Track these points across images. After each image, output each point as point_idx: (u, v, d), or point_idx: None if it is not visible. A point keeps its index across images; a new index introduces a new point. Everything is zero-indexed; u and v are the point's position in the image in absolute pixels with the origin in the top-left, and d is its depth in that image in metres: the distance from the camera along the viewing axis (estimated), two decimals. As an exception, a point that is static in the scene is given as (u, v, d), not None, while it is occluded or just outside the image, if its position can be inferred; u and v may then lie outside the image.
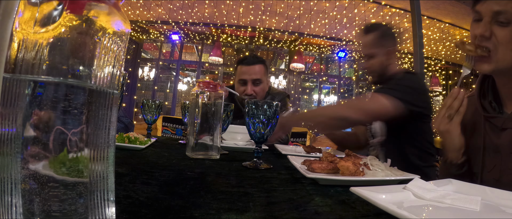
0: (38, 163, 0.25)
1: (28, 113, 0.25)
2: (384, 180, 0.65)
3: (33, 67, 0.25)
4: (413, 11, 2.62)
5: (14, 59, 0.26)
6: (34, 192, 0.24)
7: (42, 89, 0.25)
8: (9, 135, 0.25)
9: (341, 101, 1.47)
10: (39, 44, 0.25)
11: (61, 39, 0.26)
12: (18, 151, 0.25)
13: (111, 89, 0.29)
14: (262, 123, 0.80)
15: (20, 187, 0.24)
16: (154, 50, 7.84)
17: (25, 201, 0.24)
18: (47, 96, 0.25)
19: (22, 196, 0.24)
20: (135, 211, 0.40)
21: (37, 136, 0.25)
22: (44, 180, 0.25)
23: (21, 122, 0.25)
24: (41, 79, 0.25)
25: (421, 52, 2.51)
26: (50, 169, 0.25)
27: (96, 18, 0.27)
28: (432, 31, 5.47)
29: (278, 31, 6.19)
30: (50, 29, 0.26)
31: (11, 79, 0.25)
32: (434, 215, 0.44)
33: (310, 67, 7.92)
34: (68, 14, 0.26)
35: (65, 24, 0.26)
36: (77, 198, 0.26)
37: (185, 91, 8.13)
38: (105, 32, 0.28)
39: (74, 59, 0.26)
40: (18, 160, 0.24)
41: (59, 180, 0.25)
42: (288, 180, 0.68)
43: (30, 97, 0.25)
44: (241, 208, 0.45)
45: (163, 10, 5.62)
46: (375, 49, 1.33)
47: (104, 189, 0.28)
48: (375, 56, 1.34)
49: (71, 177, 0.26)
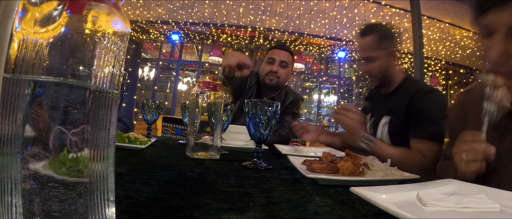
0: (38, 163, 0.25)
1: (28, 113, 0.25)
2: (384, 180, 0.65)
3: (33, 67, 0.25)
4: (413, 11, 2.62)
5: (14, 59, 0.26)
6: (34, 192, 0.25)
7: (42, 89, 0.26)
8: (9, 135, 0.25)
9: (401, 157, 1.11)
10: (39, 44, 0.25)
11: (61, 39, 0.26)
12: (18, 151, 0.25)
13: (111, 89, 0.29)
14: (262, 123, 0.80)
15: (20, 187, 0.24)
16: (154, 50, 7.84)
17: (25, 201, 0.24)
18: (47, 96, 0.25)
19: (22, 196, 0.24)
20: (135, 211, 0.40)
21: (37, 136, 0.25)
22: (44, 180, 0.25)
23: (21, 122, 0.25)
24: (41, 79, 0.25)
25: (421, 52, 2.51)
26: (50, 169, 0.25)
27: (96, 18, 0.27)
28: (432, 31, 5.47)
29: (278, 31, 6.19)
30: (50, 29, 0.26)
31: (11, 79, 0.25)
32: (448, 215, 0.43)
33: (310, 67, 7.92)
34: (68, 14, 0.26)
35: (65, 24, 0.26)
36: (77, 198, 0.26)
37: (185, 91, 8.12)
38: (105, 32, 0.28)
39: (74, 59, 0.26)
40: (18, 160, 0.24)
41: (59, 180, 0.25)
42: (288, 180, 0.68)
43: (30, 97, 0.25)
44: (241, 208, 0.45)
45: (163, 10, 5.62)
46: (374, 52, 1.26)
47: (104, 189, 0.28)
48: (375, 59, 1.27)
49: (71, 177, 0.26)
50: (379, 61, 1.27)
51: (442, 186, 0.55)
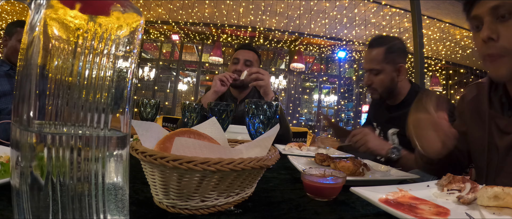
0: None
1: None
2: (384, 180, 0.65)
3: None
4: (413, 11, 2.62)
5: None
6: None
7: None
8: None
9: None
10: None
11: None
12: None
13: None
14: (262, 123, 0.80)
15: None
16: (154, 50, 7.84)
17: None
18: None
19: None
20: (135, 211, 0.40)
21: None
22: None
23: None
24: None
25: (421, 52, 2.51)
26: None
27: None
28: (432, 31, 5.47)
29: (278, 31, 6.19)
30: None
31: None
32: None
33: (310, 67, 7.93)
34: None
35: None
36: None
37: (185, 91, 8.13)
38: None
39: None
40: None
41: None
42: (288, 180, 0.68)
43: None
44: (241, 208, 0.45)
45: (163, 10, 5.62)
46: (379, 65, 1.23)
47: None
48: (379, 72, 1.23)
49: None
50: (382, 74, 1.24)
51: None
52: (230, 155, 0.41)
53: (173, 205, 0.41)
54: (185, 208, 0.41)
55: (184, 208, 0.41)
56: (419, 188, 0.54)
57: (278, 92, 6.65)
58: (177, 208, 0.41)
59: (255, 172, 0.44)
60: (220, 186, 0.41)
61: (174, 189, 0.40)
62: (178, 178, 0.39)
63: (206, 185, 0.40)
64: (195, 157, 0.37)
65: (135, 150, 0.40)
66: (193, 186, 0.39)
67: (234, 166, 0.38)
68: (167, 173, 0.39)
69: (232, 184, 0.42)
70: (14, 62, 1.43)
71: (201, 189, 0.40)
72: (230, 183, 0.41)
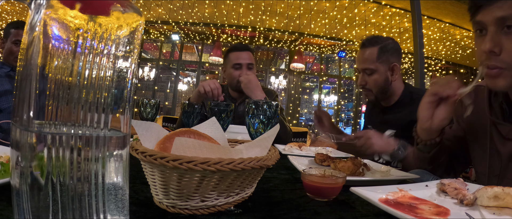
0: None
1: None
2: (384, 180, 0.65)
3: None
4: (413, 11, 2.62)
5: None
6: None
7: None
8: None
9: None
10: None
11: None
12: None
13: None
14: (262, 123, 0.80)
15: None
16: (154, 50, 7.84)
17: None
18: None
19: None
20: (135, 211, 0.40)
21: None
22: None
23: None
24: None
25: (421, 52, 2.51)
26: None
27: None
28: (432, 31, 5.47)
29: (278, 31, 6.19)
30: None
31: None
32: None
33: (310, 67, 7.92)
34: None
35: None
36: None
37: (185, 91, 8.12)
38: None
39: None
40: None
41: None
42: (288, 180, 0.68)
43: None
44: (241, 208, 0.45)
45: (163, 10, 5.62)
46: (372, 64, 1.22)
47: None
48: (372, 72, 1.23)
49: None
50: (376, 74, 1.23)
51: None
52: (230, 155, 0.41)
53: (173, 205, 0.41)
54: (185, 208, 0.41)
55: (184, 208, 0.41)
56: (419, 188, 0.54)
57: (278, 92, 6.64)
58: (177, 208, 0.41)
59: (255, 172, 0.44)
60: (220, 186, 0.41)
61: (174, 189, 0.40)
62: (178, 178, 0.39)
63: (206, 185, 0.40)
64: (195, 157, 0.37)
65: (135, 150, 0.40)
66: (193, 186, 0.39)
67: (234, 166, 0.38)
68: (167, 173, 0.39)
69: (232, 184, 0.42)
70: (11, 64, 1.42)
71: (201, 189, 0.40)
72: (230, 183, 0.41)
